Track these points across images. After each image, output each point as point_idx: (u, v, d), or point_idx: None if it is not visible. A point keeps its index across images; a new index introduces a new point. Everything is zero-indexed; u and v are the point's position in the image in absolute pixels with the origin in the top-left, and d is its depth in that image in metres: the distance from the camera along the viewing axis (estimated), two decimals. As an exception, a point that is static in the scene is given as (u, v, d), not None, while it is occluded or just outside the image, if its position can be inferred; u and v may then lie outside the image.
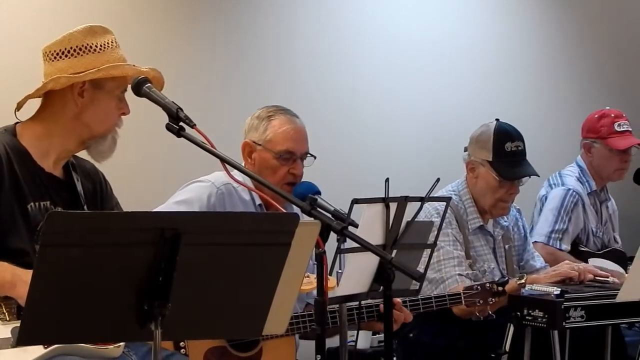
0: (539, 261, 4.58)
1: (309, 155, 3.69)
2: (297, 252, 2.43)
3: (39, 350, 2.74)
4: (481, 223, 4.36)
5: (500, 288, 3.76)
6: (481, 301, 3.75)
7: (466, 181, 4.40)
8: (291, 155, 3.64)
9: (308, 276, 3.13)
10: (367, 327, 3.69)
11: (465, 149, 4.43)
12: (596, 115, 5.22)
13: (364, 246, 2.70)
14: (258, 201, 3.62)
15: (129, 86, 2.89)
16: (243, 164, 3.66)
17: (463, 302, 3.76)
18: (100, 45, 3.07)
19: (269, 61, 5.04)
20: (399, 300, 3.51)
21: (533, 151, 4.43)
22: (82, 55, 3.07)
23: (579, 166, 5.21)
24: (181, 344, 3.35)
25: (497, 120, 4.39)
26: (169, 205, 3.56)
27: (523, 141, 4.35)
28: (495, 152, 4.29)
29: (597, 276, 4.20)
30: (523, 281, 3.97)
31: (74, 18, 3.15)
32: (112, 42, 3.10)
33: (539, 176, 4.39)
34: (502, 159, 4.28)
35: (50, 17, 4.41)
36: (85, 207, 3.09)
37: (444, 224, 4.18)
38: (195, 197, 3.55)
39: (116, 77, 3.05)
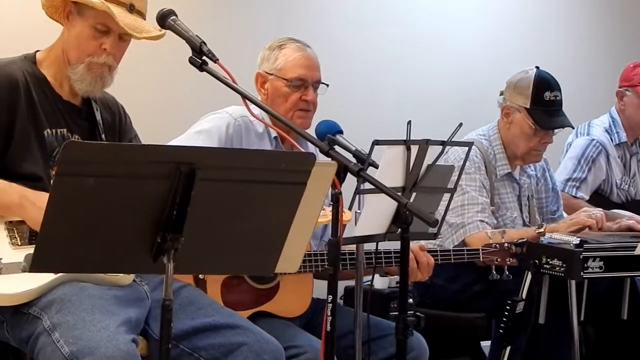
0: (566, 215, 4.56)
1: (321, 83, 3.70)
2: (313, 191, 2.42)
3: (48, 276, 2.76)
4: (509, 170, 4.34)
5: (518, 249, 3.75)
6: (499, 259, 3.75)
7: (497, 126, 4.36)
8: (303, 82, 3.66)
9: (324, 209, 3.12)
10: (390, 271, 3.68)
11: (501, 93, 4.39)
12: (632, 65, 5.18)
13: (380, 189, 2.70)
14: (273, 134, 3.63)
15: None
16: (259, 97, 3.67)
17: (481, 258, 3.76)
18: None
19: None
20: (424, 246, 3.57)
21: (566, 101, 4.38)
22: None
23: (612, 117, 5.17)
24: None
25: (537, 67, 4.35)
26: (189, 134, 3.57)
27: (561, 92, 4.31)
28: (533, 99, 4.26)
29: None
30: (542, 230, 3.95)
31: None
32: None
33: (573, 128, 4.36)
34: (540, 108, 4.26)
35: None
36: (103, 136, 3.09)
37: (472, 169, 4.18)
38: (214, 127, 3.56)
39: (96, 8, 2.96)
